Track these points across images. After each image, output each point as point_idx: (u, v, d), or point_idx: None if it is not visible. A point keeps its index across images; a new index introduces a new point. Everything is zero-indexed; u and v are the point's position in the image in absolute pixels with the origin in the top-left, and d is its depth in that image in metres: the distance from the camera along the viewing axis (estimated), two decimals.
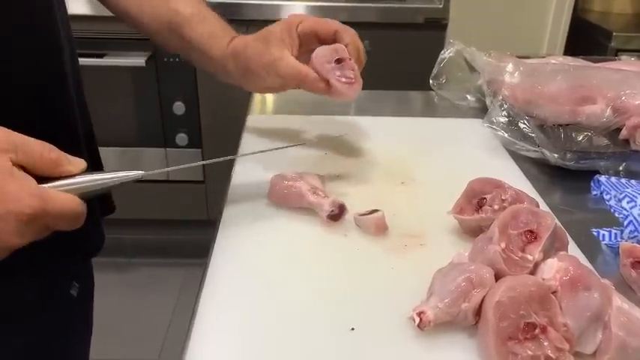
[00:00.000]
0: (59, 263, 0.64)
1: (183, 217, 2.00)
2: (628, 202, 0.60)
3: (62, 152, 0.45)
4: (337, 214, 0.60)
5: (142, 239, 2.08)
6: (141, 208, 1.99)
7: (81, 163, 0.46)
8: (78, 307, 0.73)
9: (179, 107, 1.82)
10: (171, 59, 1.77)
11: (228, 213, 0.63)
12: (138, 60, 1.73)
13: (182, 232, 2.03)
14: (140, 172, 0.49)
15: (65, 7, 0.64)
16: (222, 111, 1.81)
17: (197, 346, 0.45)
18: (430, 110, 1.03)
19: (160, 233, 2.08)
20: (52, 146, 0.45)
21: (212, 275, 0.53)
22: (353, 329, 0.47)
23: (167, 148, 1.88)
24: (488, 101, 0.90)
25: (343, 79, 0.64)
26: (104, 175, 0.48)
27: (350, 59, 0.65)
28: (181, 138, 1.86)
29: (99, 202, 0.71)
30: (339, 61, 0.65)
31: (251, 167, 0.72)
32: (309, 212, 0.63)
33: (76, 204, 0.44)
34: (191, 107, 1.83)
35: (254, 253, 0.56)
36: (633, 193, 0.61)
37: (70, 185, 0.45)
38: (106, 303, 0.80)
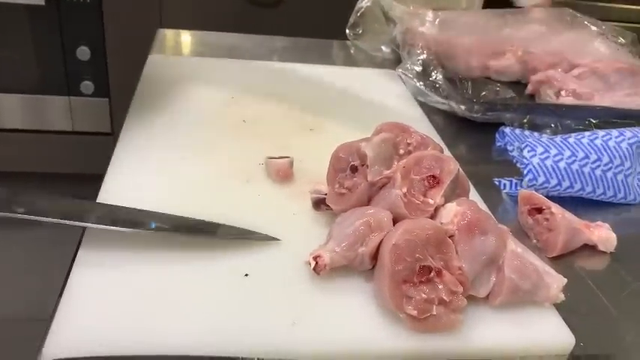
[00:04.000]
0: None
1: (89, 171, 1.89)
2: (529, 152, 0.61)
3: None
4: None
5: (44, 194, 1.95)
6: (43, 161, 1.86)
7: None
8: None
9: (84, 52, 1.69)
10: None
11: (116, 161, 0.58)
12: None
13: (88, 186, 1.92)
14: None
15: None
16: (131, 57, 1.69)
17: (70, 300, 0.41)
18: (345, 60, 1.00)
19: (63, 188, 1.96)
20: None
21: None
22: (247, 275, 0.44)
23: (71, 97, 1.75)
24: (403, 53, 0.89)
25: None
26: None
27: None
28: (87, 86, 1.73)
29: None
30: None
31: (147, 114, 0.67)
32: (209, 158, 0.59)
33: None
34: (97, 52, 1.69)
35: (142, 199, 0.52)
36: (534, 143, 0.62)
37: None
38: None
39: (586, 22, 0.91)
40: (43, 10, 1.61)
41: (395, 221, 0.45)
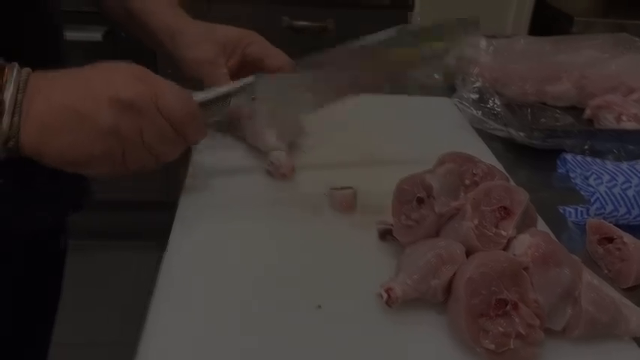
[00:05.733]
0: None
1: (141, 198, 1.94)
2: (595, 180, 0.60)
3: None
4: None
5: (97, 221, 2.01)
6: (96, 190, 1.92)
7: None
8: (61, 259, 0.78)
9: None
10: None
11: (188, 192, 0.60)
12: (94, 35, 1.65)
13: (139, 214, 1.97)
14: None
15: None
16: None
17: (155, 327, 0.42)
18: (397, 88, 1.01)
19: (116, 215, 2.02)
20: None
21: (171, 256, 0.50)
22: (319, 307, 0.45)
23: None
24: (457, 79, 0.89)
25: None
26: None
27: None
28: None
29: None
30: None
31: (212, 141, 0.69)
32: (273, 188, 0.60)
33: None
34: None
35: (215, 231, 0.54)
36: (600, 171, 0.61)
37: None
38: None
39: None
40: (100, 45, 1.67)
41: (466, 253, 0.45)
